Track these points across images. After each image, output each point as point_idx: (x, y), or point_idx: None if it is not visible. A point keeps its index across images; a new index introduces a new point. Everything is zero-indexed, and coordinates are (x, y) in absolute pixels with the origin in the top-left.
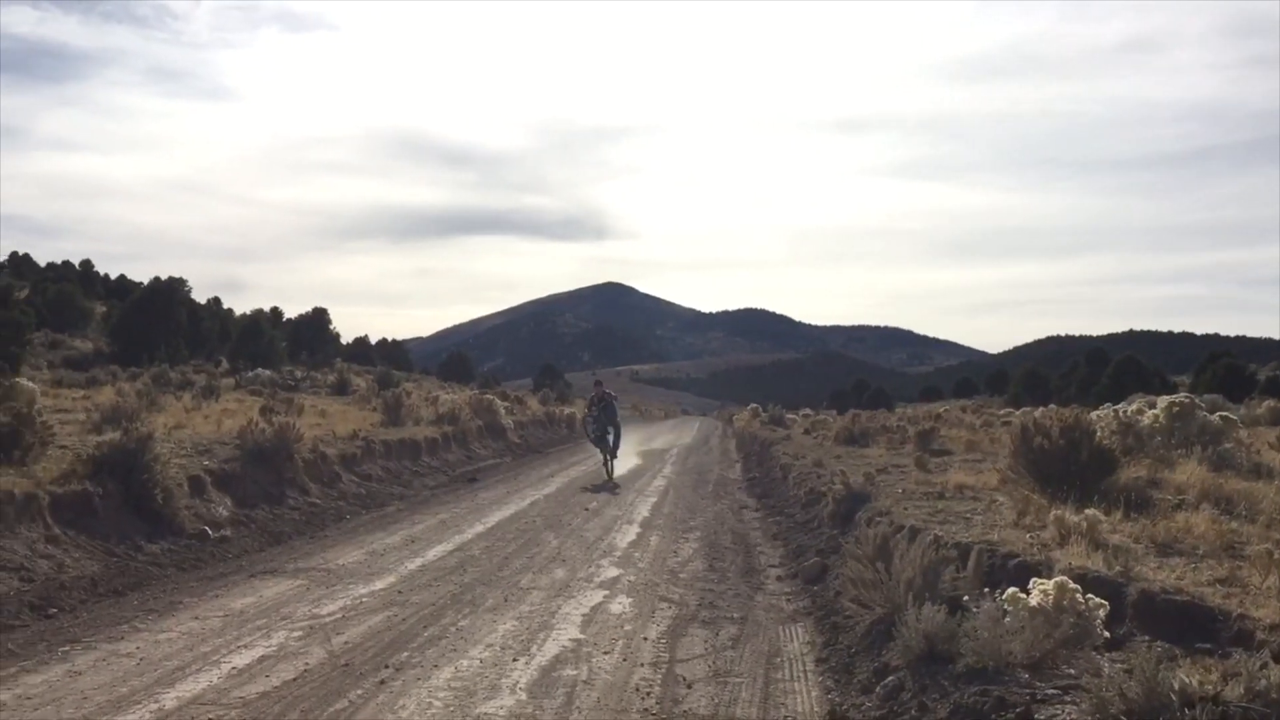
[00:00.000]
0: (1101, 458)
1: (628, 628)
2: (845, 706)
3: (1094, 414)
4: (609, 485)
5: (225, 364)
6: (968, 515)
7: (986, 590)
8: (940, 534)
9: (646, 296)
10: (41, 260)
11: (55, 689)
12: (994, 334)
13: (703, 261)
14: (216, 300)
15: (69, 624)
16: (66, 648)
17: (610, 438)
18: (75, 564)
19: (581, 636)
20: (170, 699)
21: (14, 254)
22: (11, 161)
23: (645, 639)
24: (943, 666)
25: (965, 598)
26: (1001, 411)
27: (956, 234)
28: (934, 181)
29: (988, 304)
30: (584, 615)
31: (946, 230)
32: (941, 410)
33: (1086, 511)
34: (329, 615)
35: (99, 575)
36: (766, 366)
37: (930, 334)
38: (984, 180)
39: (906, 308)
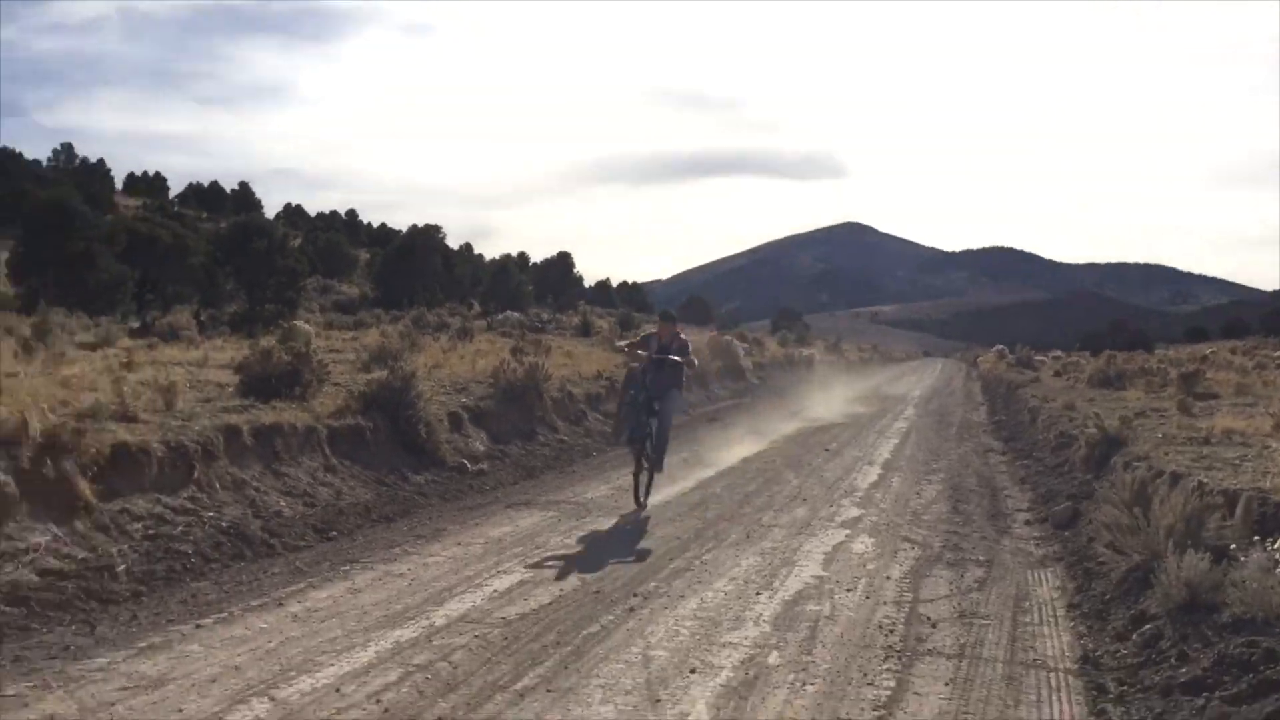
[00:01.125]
0: None
1: (870, 566)
2: (1099, 652)
3: None
4: (635, 517)
5: (477, 307)
6: (1236, 461)
7: (1256, 539)
8: (1205, 480)
9: (887, 236)
10: (312, 211)
11: (338, 603)
12: (1270, 269)
13: (945, 199)
14: (468, 246)
15: (347, 546)
16: (346, 567)
17: (653, 426)
18: (350, 491)
19: (823, 574)
20: (440, 616)
21: (287, 205)
22: (282, 119)
23: (888, 578)
24: (1206, 616)
25: (1232, 546)
26: (1277, 353)
27: (1226, 160)
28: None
29: (1263, 237)
30: (825, 553)
31: (1215, 156)
32: (1208, 351)
33: None
34: (580, 545)
35: (371, 502)
36: (1013, 307)
37: (1195, 270)
38: (1255, 99)
39: (1168, 242)
